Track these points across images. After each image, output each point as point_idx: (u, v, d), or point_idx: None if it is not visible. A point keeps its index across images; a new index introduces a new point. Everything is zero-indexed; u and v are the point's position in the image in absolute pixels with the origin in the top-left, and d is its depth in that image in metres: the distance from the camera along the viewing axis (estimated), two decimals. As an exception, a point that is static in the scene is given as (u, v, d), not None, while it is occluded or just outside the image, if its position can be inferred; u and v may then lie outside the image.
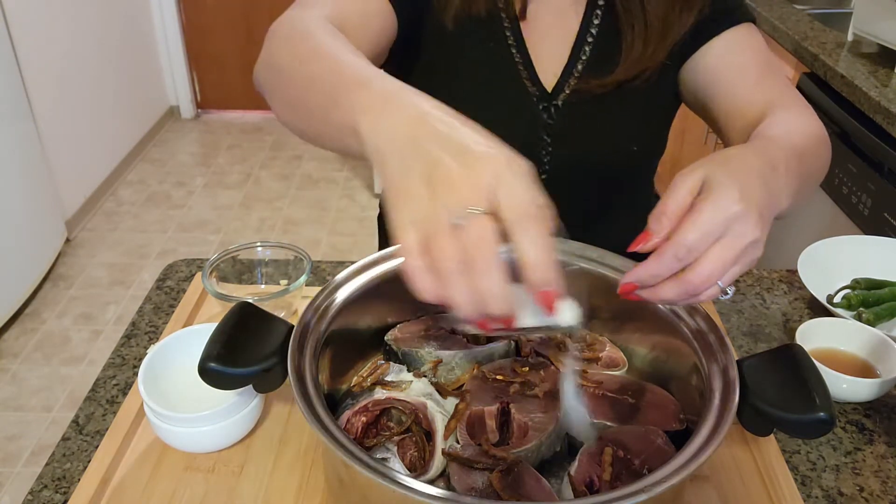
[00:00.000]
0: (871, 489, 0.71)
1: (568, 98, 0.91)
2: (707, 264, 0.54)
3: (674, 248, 0.54)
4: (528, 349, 0.74)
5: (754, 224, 0.55)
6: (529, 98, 0.91)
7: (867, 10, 1.75)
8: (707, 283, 0.55)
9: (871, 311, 0.92)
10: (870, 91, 1.54)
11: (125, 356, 0.87)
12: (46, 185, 2.71)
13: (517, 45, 0.91)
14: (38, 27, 2.73)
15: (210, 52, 3.89)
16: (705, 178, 0.57)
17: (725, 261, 0.54)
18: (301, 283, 0.88)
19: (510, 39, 0.91)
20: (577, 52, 0.91)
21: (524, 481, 0.58)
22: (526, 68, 0.91)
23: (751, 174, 0.58)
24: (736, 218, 0.54)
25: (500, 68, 0.91)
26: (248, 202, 3.24)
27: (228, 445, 0.73)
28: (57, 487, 0.70)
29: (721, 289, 0.56)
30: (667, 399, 0.68)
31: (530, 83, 0.91)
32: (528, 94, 0.91)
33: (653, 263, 0.56)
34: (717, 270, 0.54)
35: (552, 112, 0.92)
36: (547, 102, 0.92)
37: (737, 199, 0.55)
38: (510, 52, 0.91)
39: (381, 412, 0.66)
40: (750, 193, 0.56)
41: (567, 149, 0.93)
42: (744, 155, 0.62)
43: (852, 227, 1.58)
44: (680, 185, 0.57)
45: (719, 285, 0.55)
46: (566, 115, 0.92)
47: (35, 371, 2.28)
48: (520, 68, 0.91)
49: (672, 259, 0.55)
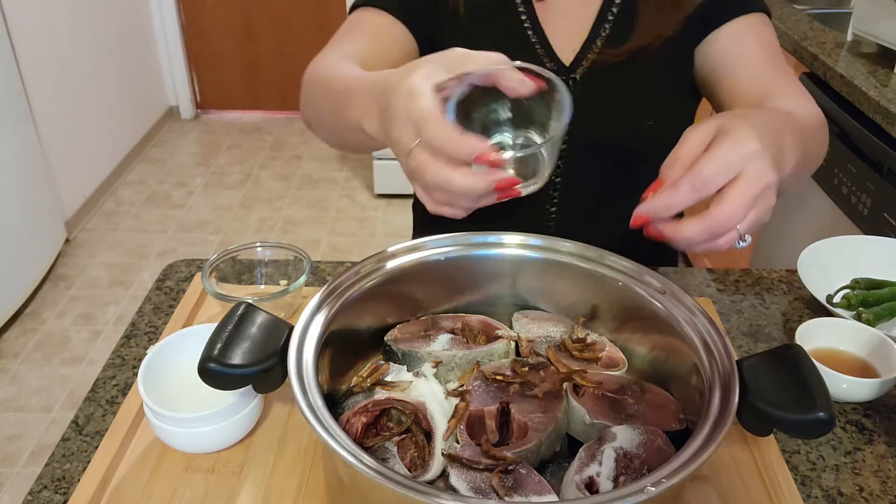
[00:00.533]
0: (871, 489, 0.71)
1: (586, 72, 0.94)
2: (730, 201, 0.55)
3: (690, 178, 0.55)
4: (528, 349, 0.74)
5: (770, 166, 0.56)
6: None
7: (867, 10, 1.75)
8: (730, 221, 0.55)
9: (870, 311, 0.92)
10: (869, 91, 1.54)
11: (125, 356, 0.87)
12: (46, 185, 2.71)
13: (532, 27, 0.94)
14: (37, 27, 2.73)
15: (210, 52, 3.89)
16: (718, 128, 0.58)
17: (746, 199, 0.55)
18: (301, 283, 0.88)
19: (525, 22, 0.93)
20: (596, 30, 0.93)
21: (524, 481, 0.58)
22: (542, 45, 0.94)
23: (764, 125, 0.59)
24: (753, 156, 0.55)
25: (516, 46, 0.93)
26: (248, 202, 3.24)
27: (228, 445, 0.73)
28: (57, 488, 0.70)
29: (740, 234, 0.56)
30: (667, 399, 0.68)
31: (547, 59, 0.94)
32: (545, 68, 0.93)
33: (667, 193, 0.56)
34: (739, 209, 0.55)
35: (570, 85, 0.94)
36: (565, 76, 0.94)
37: (754, 138, 0.56)
38: (525, 34, 0.94)
39: (381, 412, 0.66)
40: (765, 138, 0.56)
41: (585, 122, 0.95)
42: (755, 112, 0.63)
43: (852, 227, 1.58)
44: (692, 135, 0.58)
45: (738, 231, 0.56)
46: (584, 89, 0.94)
47: (35, 371, 2.28)
48: (536, 47, 0.94)
49: (688, 189, 0.55)
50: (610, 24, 0.93)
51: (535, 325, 0.77)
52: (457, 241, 0.75)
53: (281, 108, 4.04)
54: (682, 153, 0.58)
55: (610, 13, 0.93)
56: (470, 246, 0.75)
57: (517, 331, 0.76)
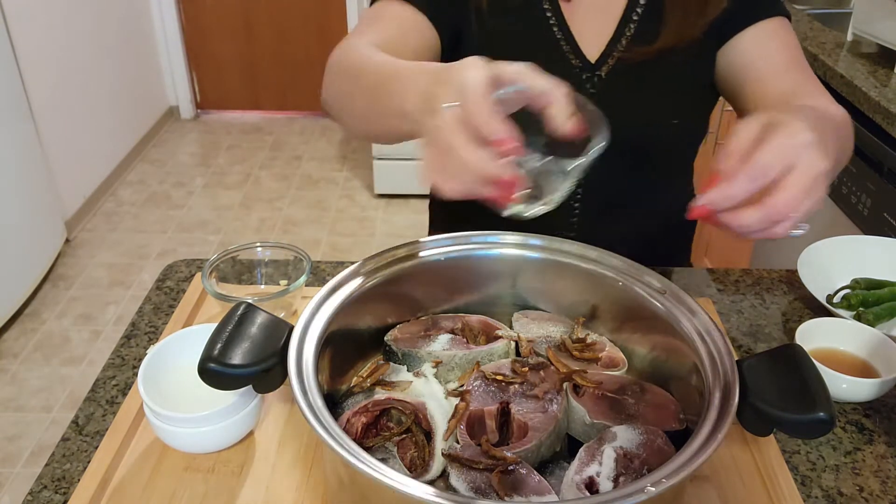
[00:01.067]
0: (871, 489, 0.71)
1: (611, 69, 0.95)
2: (789, 188, 0.56)
3: (748, 169, 0.57)
4: (528, 349, 0.74)
5: (823, 155, 0.57)
6: (573, 69, 0.95)
7: (867, 11, 1.75)
8: (788, 208, 0.57)
9: (870, 311, 0.92)
10: (869, 91, 1.54)
11: (125, 356, 0.87)
12: (46, 185, 2.71)
13: (559, 25, 0.94)
14: (37, 27, 2.73)
15: (210, 52, 3.89)
16: (769, 121, 0.59)
17: (803, 187, 0.56)
18: (301, 283, 0.88)
19: (552, 20, 0.94)
20: (622, 29, 0.94)
21: (524, 481, 0.59)
22: (568, 43, 0.95)
23: (809, 118, 0.61)
24: (807, 145, 0.57)
25: (541, 44, 0.95)
26: (248, 202, 3.24)
27: (228, 445, 0.73)
28: (57, 488, 0.70)
29: (796, 222, 0.57)
30: (667, 399, 0.68)
31: (573, 56, 0.95)
32: (572, 65, 0.95)
33: (726, 185, 0.58)
34: (797, 196, 0.56)
35: (595, 82, 0.95)
36: (590, 73, 0.95)
37: (807, 129, 0.58)
38: (552, 31, 0.95)
39: (381, 412, 0.66)
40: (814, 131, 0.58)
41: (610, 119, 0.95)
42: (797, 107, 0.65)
43: (852, 227, 1.58)
44: (743, 129, 0.60)
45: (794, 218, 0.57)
46: (609, 86, 0.95)
47: (35, 371, 2.28)
48: (562, 44, 0.95)
49: (746, 179, 0.57)
50: (635, 24, 0.94)
51: (535, 325, 0.77)
52: (457, 241, 0.75)
53: (281, 108, 4.04)
54: (734, 146, 0.59)
55: (635, 13, 0.94)
56: (470, 246, 0.76)
57: (517, 331, 0.76)
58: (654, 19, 0.93)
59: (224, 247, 1.01)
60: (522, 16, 0.95)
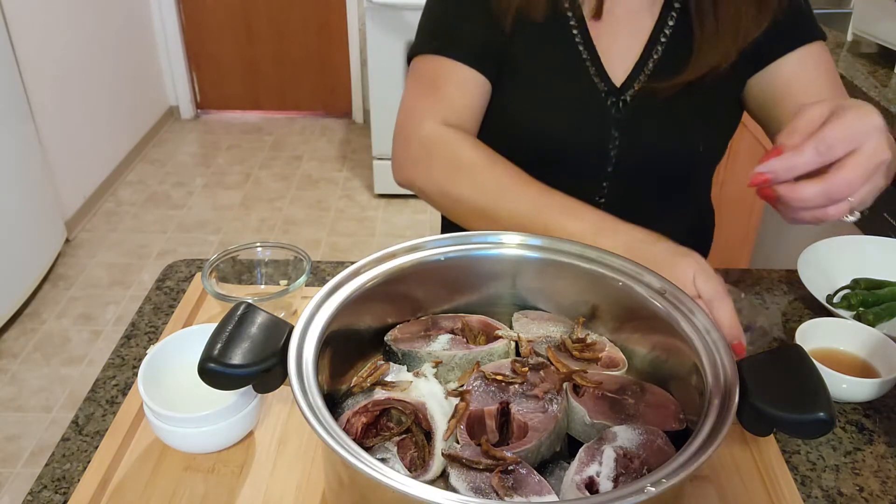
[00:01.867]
0: (871, 489, 0.71)
1: (637, 93, 0.93)
2: (850, 168, 0.56)
3: (815, 142, 0.56)
4: (528, 349, 0.74)
5: (888, 145, 0.57)
6: (598, 93, 0.93)
7: (867, 11, 1.75)
8: (848, 188, 0.56)
9: (870, 311, 0.92)
10: (869, 91, 1.54)
11: (125, 356, 0.87)
12: (46, 185, 2.71)
13: (585, 45, 0.92)
14: (37, 28, 2.73)
15: (210, 52, 3.89)
16: (835, 106, 0.59)
17: (864, 170, 0.56)
18: (301, 283, 0.88)
19: (577, 39, 0.92)
20: (648, 51, 0.92)
21: (524, 481, 0.58)
22: (594, 65, 0.93)
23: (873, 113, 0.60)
24: (874, 130, 0.57)
25: (568, 67, 0.93)
26: (248, 202, 3.24)
27: (228, 446, 0.73)
28: (57, 488, 0.70)
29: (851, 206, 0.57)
30: (667, 399, 0.68)
31: (599, 79, 0.93)
32: (597, 89, 0.93)
33: (791, 155, 0.57)
34: (857, 178, 0.56)
35: (620, 107, 0.93)
36: (616, 97, 0.93)
37: (876, 113, 0.57)
38: (578, 51, 0.93)
39: (381, 412, 0.66)
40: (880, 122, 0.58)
41: (635, 144, 0.94)
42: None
43: (852, 228, 1.58)
44: (809, 109, 0.59)
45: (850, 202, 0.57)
46: (634, 110, 0.93)
47: (35, 371, 2.28)
48: (588, 65, 0.93)
49: (812, 152, 0.56)
50: (662, 47, 0.92)
51: (535, 325, 0.77)
52: (457, 241, 0.75)
53: (281, 108, 4.05)
54: (800, 124, 0.59)
55: (663, 35, 0.92)
56: (470, 246, 0.75)
57: (517, 331, 0.76)
58: (683, 43, 0.91)
59: (224, 247, 1.01)
60: (549, 36, 0.93)
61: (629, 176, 0.96)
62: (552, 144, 0.95)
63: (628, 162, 0.95)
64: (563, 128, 0.94)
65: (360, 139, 3.78)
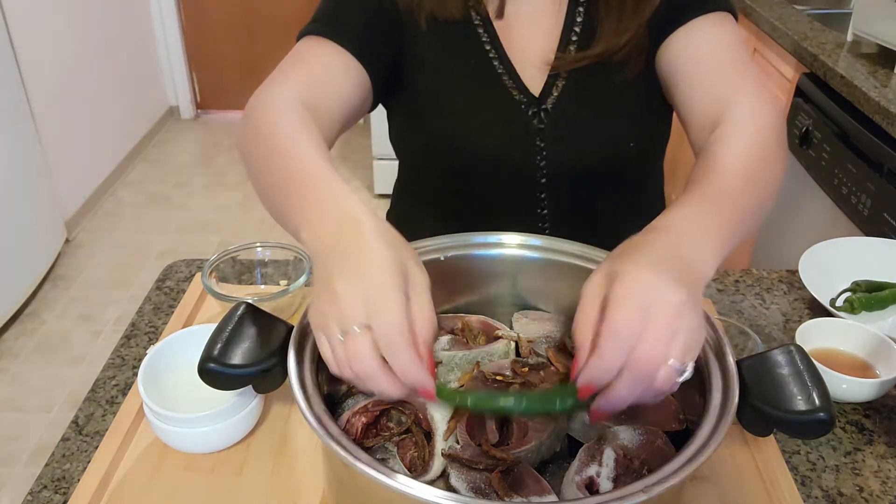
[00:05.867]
0: (871, 489, 0.71)
1: (556, 101, 0.90)
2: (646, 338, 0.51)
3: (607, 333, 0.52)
4: (528, 349, 0.74)
5: (674, 289, 0.52)
6: (517, 106, 0.90)
7: (867, 11, 1.75)
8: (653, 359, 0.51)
9: (872, 314, 0.92)
10: (869, 91, 1.54)
11: (125, 356, 0.87)
12: (46, 185, 2.71)
13: (498, 56, 0.90)
14: (37, 28, 2.73)
15: (210, 52, 3.89)
16: (608, 273, 0.55)
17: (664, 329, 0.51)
18: (301, 283, 0.88)
19: (491, 53, 0.90)
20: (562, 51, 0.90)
21: (524, 481, 0.58)
22: (510, 77, 0.90)
23: (656, 251, 0.57)
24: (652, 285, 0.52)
25: (484, 83, 0.90)
26: (248, 202, 3.24)
27: (228, 445, 0.73)
28: (57, 488, 0.70)
29: (677, 369, 0.51)
30: (667, 399, 0.68)
31: (517, 91, 0.90)
32: (516, 101, 0.90)
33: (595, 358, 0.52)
34: (660, 340, 0.51)
35: (542, 116, 0.91)
36: (536, 107, 0.90)
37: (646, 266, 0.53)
38: (491, 64, 0.90)
39: (381, 412, 0.66)
40: (657, 265, 0.54)
41: (562, 152, 0.92)
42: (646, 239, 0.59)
43: (852, 228, 1.58)
44: (584, 296, 0.56)
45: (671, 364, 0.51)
46: (557, 118, 0.91)
47: (35, 371, 2.27)
48: (504, 79, 0.90)
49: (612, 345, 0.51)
50: (574, 45, 0.89)
51: (535, 325, 0.77)
52: (457, 241, 0.75)
53: (281, 108, 4.04)
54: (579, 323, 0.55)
55: (573, 33, 0.89)
56: (470, 246, 0.75)
57: (517, 331, 0.76)
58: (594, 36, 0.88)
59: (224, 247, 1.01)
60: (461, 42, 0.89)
61: (566, 185, 0.94)
62: (478, 161, 0.93)
63: (561, 171, 0.93)
64: (488, 146, 0.92)
65: (360, 139, 3.78)
